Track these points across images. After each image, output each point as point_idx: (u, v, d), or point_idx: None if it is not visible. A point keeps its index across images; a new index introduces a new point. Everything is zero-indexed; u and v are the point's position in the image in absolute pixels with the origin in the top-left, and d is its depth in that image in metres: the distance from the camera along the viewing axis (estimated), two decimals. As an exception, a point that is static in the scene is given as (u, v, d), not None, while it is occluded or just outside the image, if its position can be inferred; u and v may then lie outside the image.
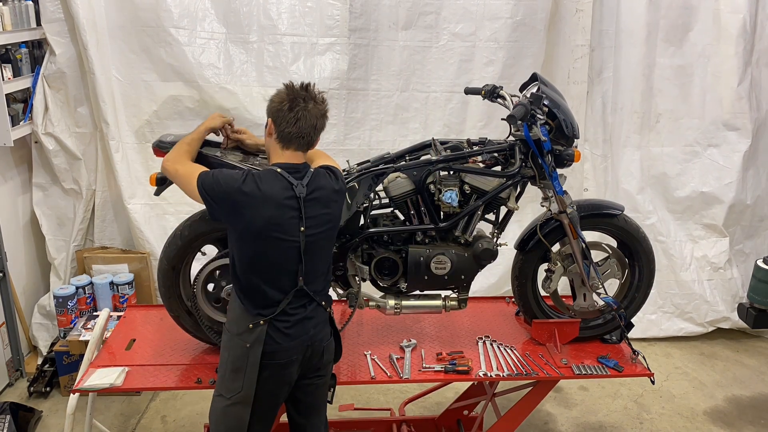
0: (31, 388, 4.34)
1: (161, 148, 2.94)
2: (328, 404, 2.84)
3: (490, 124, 4.89)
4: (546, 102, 2.99)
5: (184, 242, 3.04)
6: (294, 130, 2.47)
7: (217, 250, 3.11)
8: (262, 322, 2.49)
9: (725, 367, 4.90)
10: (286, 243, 2.46)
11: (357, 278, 3.16)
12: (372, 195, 3.12)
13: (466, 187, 3.05)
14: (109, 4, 4.49)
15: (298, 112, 2.44)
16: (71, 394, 3.02)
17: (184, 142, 2.77)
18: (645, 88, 5.01)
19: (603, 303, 3.25)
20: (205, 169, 2.56)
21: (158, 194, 3.03)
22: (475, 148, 3.13)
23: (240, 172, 2.48)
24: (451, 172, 3.08)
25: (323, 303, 2.62)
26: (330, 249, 2.66)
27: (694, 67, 5.03)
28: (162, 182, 2.96)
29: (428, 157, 3.12)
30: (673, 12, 4.92)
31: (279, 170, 2.47)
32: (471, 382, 3.71)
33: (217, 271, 3.05)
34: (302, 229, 2.46)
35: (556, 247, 3.29)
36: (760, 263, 3.87)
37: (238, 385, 2.51)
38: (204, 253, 3.16)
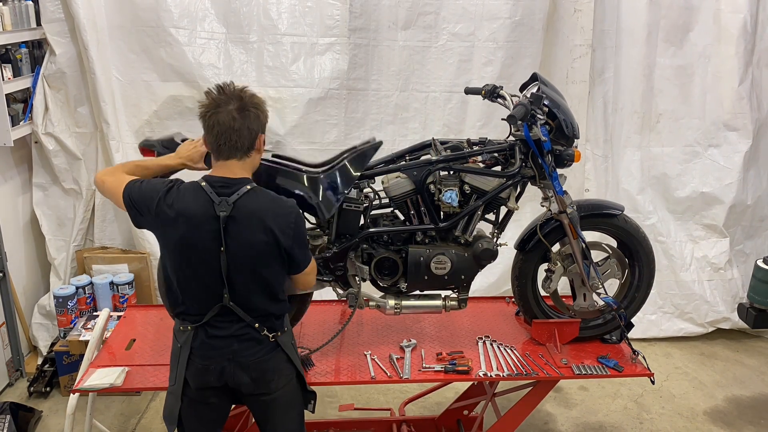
0: (31, 388, 4.34)
1: (147, 147, 2.92)
2: (330, 406, 2.83)
3: (489, 124, 4.90)
4: (546, 102, 2.99)
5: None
6: (213, 139, 2.35)
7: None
8: (190, 327, 2.47)
9: (725, 367, 4.90)
10: (203, 264, 2.36)
11: (357, 278, 3.15)
12: (372, 195, 3.13)
13: (466, 187, 3.04)
14: (109, 4, 4.49)
15: (210, 118, 2.32)
16: (71, 394, 3.02)
17: (133, 163, 2.62)
18: (645, 89, 5.01)
19: (603, 303, 3.24)
20: (135, 178, 2.49)
21: None
22: (475, 148, 3.12)
23: (165, 183, 2.41)
24: (451, 172, 3.08)
25: (257, 326, 2.46)
26: (273, 273, 2.44)
27: (695, 68, 5.03)
28: None
29: (428, 157, 3.12)
30: (673, 12, 4.92)
31: (203, 184, 2.36)
32: (471, 382, 3.71)
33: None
34: (222, 249, 2.34)
35: (556, 247, 3.29)
36: (761, 263, 3.86)
37: (173, 377, 2.54)
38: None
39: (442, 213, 3.10)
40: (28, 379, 4.46)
